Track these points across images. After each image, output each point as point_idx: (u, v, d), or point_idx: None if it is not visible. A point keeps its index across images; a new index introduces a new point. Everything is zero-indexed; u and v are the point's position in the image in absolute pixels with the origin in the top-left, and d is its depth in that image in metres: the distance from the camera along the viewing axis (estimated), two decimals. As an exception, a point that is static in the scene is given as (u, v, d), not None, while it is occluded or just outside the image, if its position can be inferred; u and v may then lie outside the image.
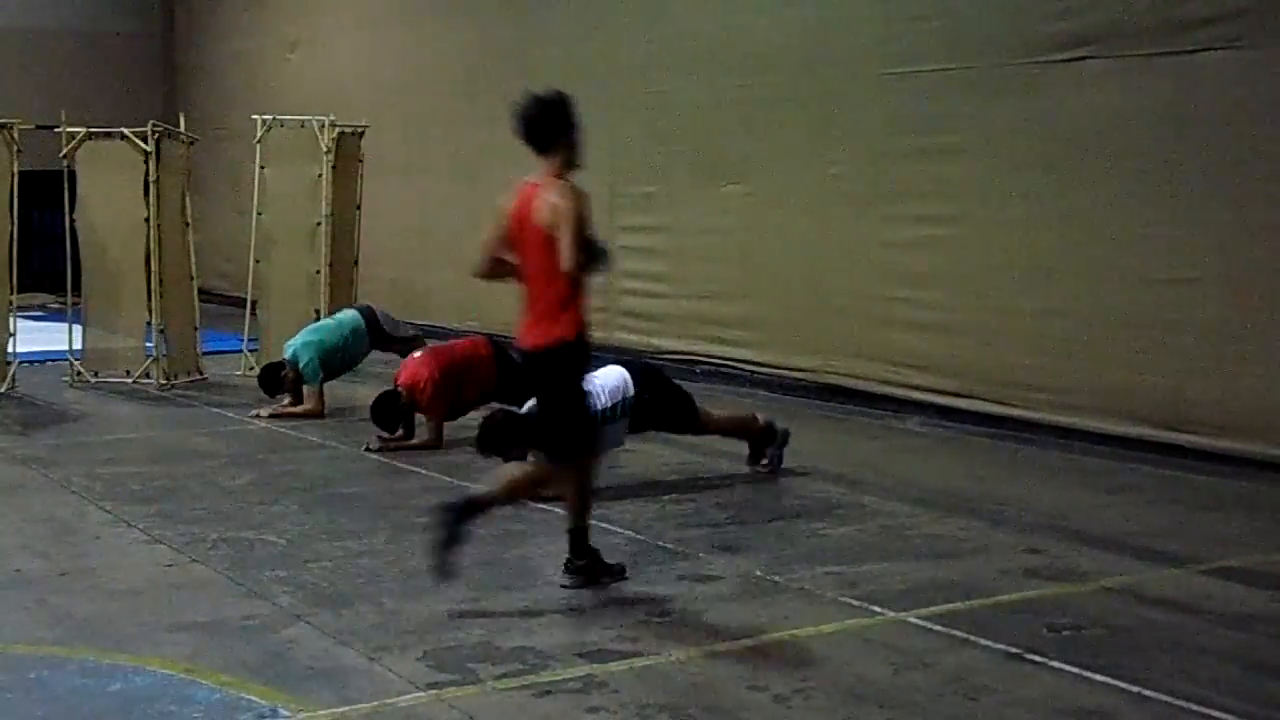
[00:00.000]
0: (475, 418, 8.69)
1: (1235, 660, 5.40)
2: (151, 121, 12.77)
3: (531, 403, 8.21)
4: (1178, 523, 7.69)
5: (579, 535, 6.35)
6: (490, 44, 15.71)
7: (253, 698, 4.98)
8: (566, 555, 6.41)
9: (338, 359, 11.24)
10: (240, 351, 13.72)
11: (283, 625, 5.82)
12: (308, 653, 5.47)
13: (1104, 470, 9.03)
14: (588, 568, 6.38)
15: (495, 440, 8.12)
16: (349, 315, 11.60)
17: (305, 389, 11.10)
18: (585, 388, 6.44)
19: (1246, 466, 8.67)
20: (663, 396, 8.45)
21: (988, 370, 10.32)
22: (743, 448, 8.89)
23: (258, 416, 11.02)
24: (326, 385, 11.20)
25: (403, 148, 16.28)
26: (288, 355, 11.15)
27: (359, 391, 11.57)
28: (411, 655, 5.42)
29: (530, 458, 7.31)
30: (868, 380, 11.26)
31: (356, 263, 13.81)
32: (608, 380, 8.31)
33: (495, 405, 9.00)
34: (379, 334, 11.50)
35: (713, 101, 12.66)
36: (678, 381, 8.85)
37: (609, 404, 8.19)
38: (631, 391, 8.26)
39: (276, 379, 11.14)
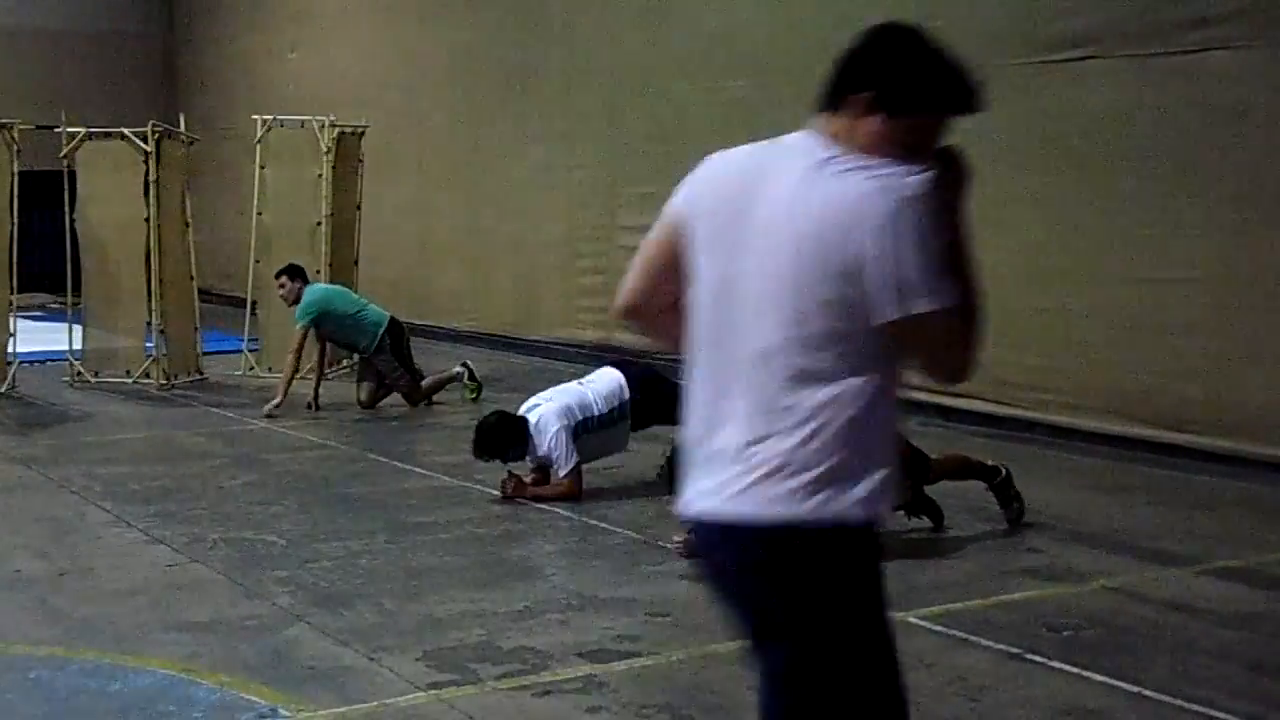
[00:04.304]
0: (475, 418, 8.67)
1: (1235, 660, 5.40)
2: (151, 121, 12.77)
3: (532, 402, 8.24)
4: (1178, 523, 7.69)
5: None
6: (490, 44, 15.72)
7: (253, 698, 4.98)
8: None
9: (334, 323, 11.38)
10: (240, 351, 13.72)
11: (283, 625, 5.82)
12: (308, 653, 5.47)
13: (1104, 470, 9.03)
14: None
15: (491, 442, 8.09)
16: (377, 309, 11.72)
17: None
18: None
19: (1246, 466, 8.66)
20: (654, 396, 8.43)
21: (987, 370, 10.24)
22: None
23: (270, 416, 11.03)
24: (324, 385, 11.27)
25: (403, 148, 16.28)
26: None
27: (358, 392, 11.58)
28: (411, 655, 5.41)
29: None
30: (867, 380, 11.24)
31: (356, 263, 13.81)
32: (603, 385, 8.32)
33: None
34: (397, 341, 11.52)
35: (713, 101, 12.66)
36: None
37: (605, 409, 8.20)
38: (627, 395, 8.27)
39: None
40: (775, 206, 2.79)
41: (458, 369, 12.03)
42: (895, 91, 2.83)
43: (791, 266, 2.75)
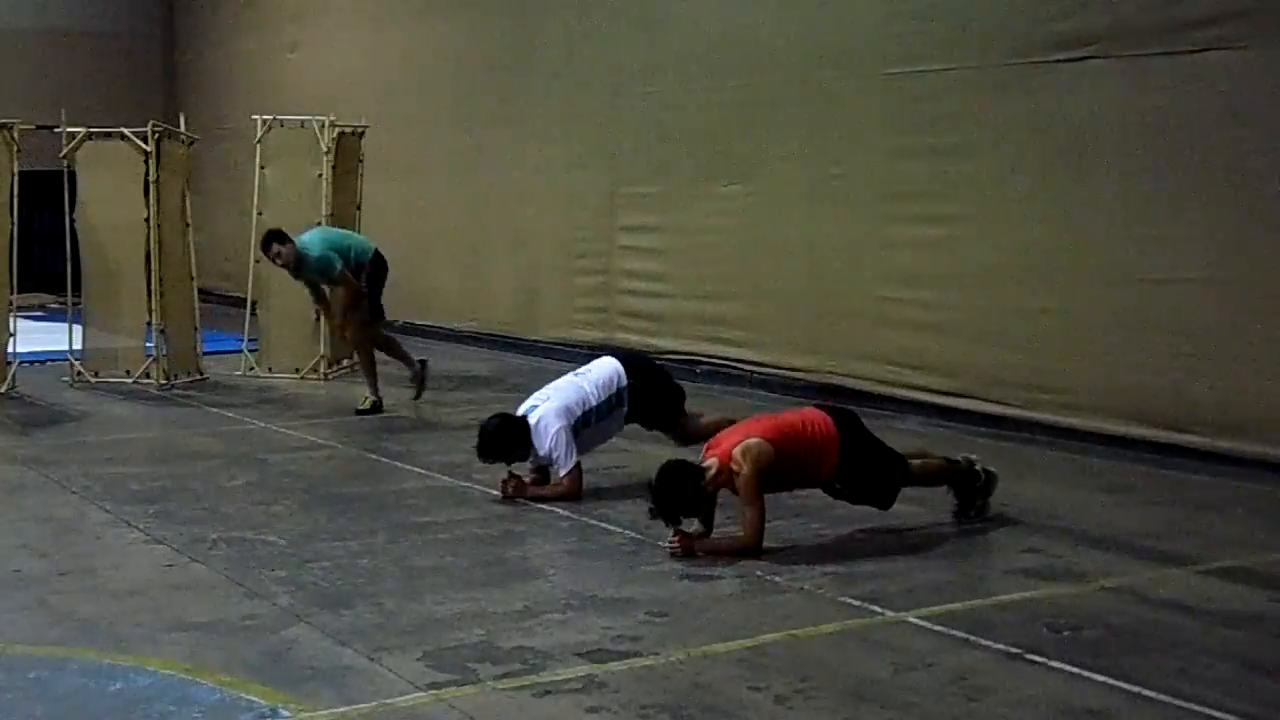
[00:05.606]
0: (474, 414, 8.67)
1: (1235, 660, 5.40)
2: (151, 121, 12.76)
3: (531, 402, 8.22)
4: (1178, 523, 7.69)
5: None
6: (490, 44, 15.72)
7: (253, 698, 4.98)
8: None
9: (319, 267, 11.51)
10: (240, 351, 13.72)
11: (283, 625, 5.82)
12: (308, 653, 5.47)
13: (1104, 470, 9.03)
14: None
15: (495, 445, 8.07)
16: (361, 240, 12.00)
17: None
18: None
19: (1246, 466, 8.66)
20: (654, 386, 8.44)
21: (987, 370, 10.31)
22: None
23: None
24: (323, 385, 11.26)
25: (403, 148, 16.28)
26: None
27: (359, 392, 11.58)
28: (411, 655, 5.41)
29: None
30: (867, 380, 11.25)
31: (356, 262, 13.80)
32: (599, 374, 8.32)
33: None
34: (376, 270, 11.71)
35: (713, 101, 12.66)
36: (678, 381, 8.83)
37: (603, 399, 8.20)
38: (625, 382, 8.28)
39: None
40: None
41: (418, 361, 11.84)
42: None
43: None
